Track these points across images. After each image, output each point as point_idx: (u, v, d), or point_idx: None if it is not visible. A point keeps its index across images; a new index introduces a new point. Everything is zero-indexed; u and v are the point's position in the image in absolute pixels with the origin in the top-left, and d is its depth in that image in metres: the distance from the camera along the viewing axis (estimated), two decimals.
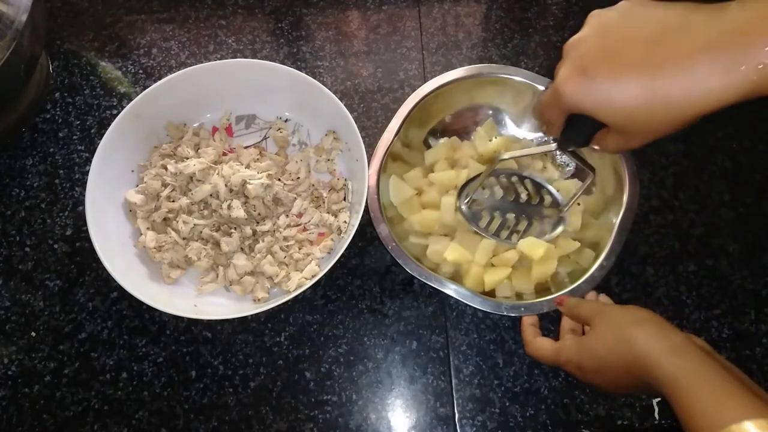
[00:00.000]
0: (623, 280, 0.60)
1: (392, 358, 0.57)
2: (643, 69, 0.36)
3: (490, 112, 0.65)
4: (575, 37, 0.40)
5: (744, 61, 0.32)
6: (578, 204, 0.59)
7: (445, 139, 0.64)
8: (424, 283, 0.53)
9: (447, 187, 0.60)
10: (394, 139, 0.58)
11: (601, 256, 0.54)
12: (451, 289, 0.53)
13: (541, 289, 0.57)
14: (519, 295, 0.56)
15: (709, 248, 0.61)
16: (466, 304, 0.53)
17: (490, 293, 0.56)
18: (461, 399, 0.55)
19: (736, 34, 0.33)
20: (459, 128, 0.65)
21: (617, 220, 0.55)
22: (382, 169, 0.58)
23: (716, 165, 0.66)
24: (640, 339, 0.41)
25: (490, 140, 0.63)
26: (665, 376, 0.38)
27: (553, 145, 0.48)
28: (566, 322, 0.52)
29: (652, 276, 0.60)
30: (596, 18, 0.40)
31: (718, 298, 0.59)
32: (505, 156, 0.51)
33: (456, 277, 0.57)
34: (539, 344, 0.50)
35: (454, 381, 0.56)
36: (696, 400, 0.36)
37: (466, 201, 0.59)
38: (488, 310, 0.52)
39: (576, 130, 0.44)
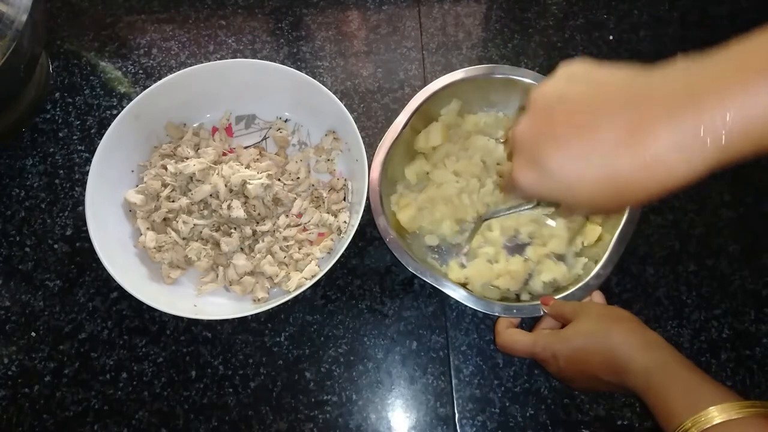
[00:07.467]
0: (623, 280, 0.60)
1: (392, 358, 0.57)
2: (592, 148, 0.31)
3: (501, 114, 0.64)
4: (520, 125, 0.36)
5: (702, 127, 0.28)
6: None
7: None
8: (424, 282, 0.53)
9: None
10: (401, 131, 0.58)
11: (596, 267, 0.54)
12: (448, 288, 0.53)
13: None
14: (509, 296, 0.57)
15: (709, 248, 0.61)
16: (466, 304, 0.53)
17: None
18: (461, 399, 0.55)
19: (688, 96, 0.28)
20: None
21: (616, 232, 0.54)
22: (386, 162, 0.58)
23: None
24: (616, 332, 0.43)
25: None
26: (639, 367, 0.40)
27: (531, 205, 0.52)
28: (545, 323, 0.52)
29: (652, 276, 0.60)
30: (537, 97, 0.36)
31: (718, 298, 0.59)
32: (489, 216, 0.57)
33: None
34: (513, 334, 0.51)
35: (454, 381, 0.56)
36: (668, 388, 0.38)
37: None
38: (482, 311, 0.52)
39: None
